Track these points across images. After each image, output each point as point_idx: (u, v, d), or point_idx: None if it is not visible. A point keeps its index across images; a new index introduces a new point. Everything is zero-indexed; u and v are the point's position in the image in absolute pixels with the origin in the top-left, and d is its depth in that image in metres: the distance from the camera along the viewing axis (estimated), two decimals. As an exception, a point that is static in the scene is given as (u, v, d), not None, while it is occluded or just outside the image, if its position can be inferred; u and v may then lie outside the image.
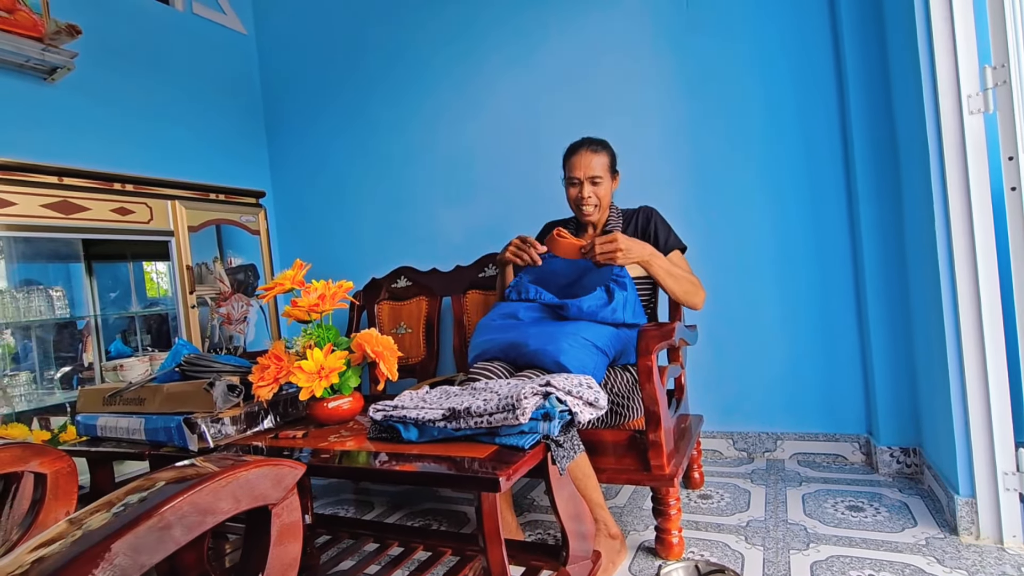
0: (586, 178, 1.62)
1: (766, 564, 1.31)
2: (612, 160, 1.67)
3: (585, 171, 1.62)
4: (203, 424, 1.24)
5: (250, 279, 2.51)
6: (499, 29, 2.38)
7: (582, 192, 1.63)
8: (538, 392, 1.05)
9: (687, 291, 1.56)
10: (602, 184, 1.63)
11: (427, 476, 0.98)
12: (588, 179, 1.62)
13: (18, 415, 1.84)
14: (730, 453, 2.09)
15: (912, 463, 1.77)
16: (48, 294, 2.00)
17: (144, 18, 2.49)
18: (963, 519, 1.34)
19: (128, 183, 2.03)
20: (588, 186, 1.62)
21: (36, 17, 1.98)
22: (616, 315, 1.46)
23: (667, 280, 1.53)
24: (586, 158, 1.62)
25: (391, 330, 2.32)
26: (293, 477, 0.59)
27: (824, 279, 1.94)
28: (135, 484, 0.52)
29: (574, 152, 1.65)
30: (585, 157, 1.62)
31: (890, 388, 1.81)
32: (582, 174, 1.62)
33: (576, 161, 1.63)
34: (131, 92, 2.39)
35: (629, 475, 1.35)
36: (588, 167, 1.62)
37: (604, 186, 1.64)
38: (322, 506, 1.97)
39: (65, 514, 0.83)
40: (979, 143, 1.27)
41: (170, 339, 2.31)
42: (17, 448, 0.82)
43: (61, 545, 0.43)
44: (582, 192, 1.63)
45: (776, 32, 1.96)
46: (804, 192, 1.95)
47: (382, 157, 2.68)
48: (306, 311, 1.36)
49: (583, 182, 1.62)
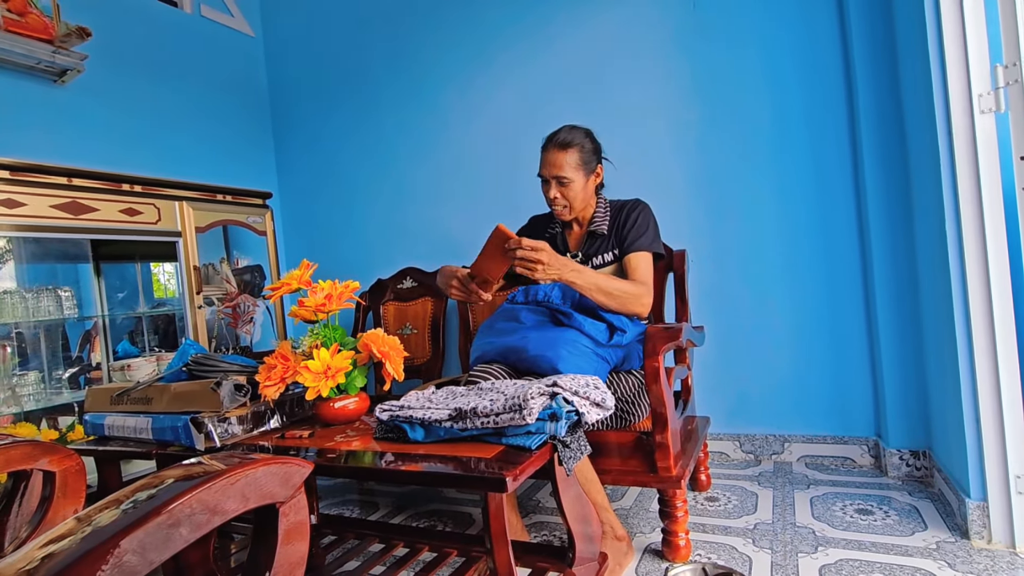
0: (551, 177, 1.52)
1: (774, 567, 1.30)
2: (585, 155, 1.53)
3: (550, 170, 1.52)
4: (210, 423, 1.24)
5: (257, 279, 2.52)
6: (505, 31, 2.39)
7: (548, 192, 1.54)
8: (545, 392, 1.05)
9: (622, 302, 1.43)
10: (570, 185, 1.51)
11: (433, 476, 0.97)
12: (553, 178, 1.52)
13: (27, 414, 1.85)
14: (737, 455, 2.07)
15: (922, 466, 1.76)
16: (57, 294, 2.01)
17: (153, 20, 2.51)
18: (974, 523, 1.33)
19: (136, 184, 2.04)
20: (554, 187, 1.53)
21: (47, 20, 2.00)
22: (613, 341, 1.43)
23: (596, 296, 1.41)
24: (552, 156, 1.51)
25: (397, 330, 2.32)
26: (301, 475, 0.59)
27: (832, 280, 1.93)
28: (143, 482, 0.52)
29: (544, 147, 1.55)
30: (551, 155, 1.51)
31: (899, 390, 1.79)
32: (547, 172, 1.53)
33: (544, 158, 1.54)
34: (140, 94, 2.41)
35: (635, 477, 1.34)
36: (552, 166, 1.51)
37: (573, 186, 1.52)
38: (328, 506, 1.97)
39: (73, 512, 0.83)
40: (990, 143, 1.26)
41: (177, 339, 2.32)
42: (27, 446, 0.83)
43: (70, 542, 0.43)
44: (548, 192, 1.54)
45: (784, 31, 1.95)
46: (812, 193, 1.94)
47: (388, 158, 2.69)
48: (312, 311, 1.37)
49: (549, 180, 1.53)
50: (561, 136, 1.53)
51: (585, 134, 1.56)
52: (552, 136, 1.55)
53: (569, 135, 1.53)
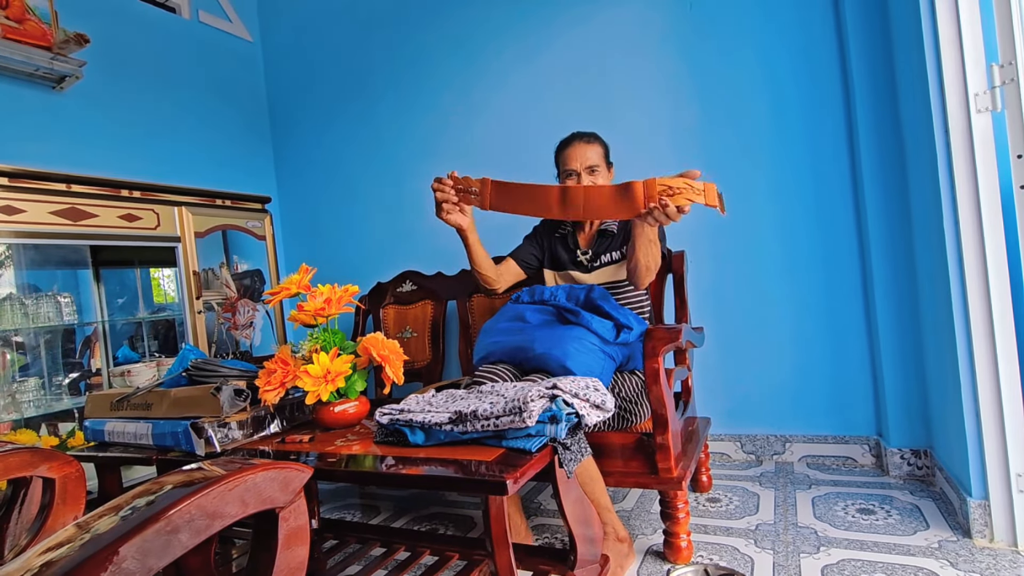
0: (583, 168, 1.54)
1: (776, 568, 1.30)
2: (606, 151, 1.61)
3: (582, 161, 1.54)
4: (210, 428, 1.24)
5: (256, 284, 2.52)
6: (503, 34, 2.39)
7: (580, 184, 1.54)
8: (544, 395, 1.05)
9: (651, 266, 1.42)
10: (599, 173, 1.56)
11: (434, 480, 0.97)
12: (585, 169, 1.54)
13: (27, 421, 1.85)
14: (738, 456, 2.07)
15: (923, 465, 1.75)
16: (56, 300, 2.01)
17: (151, 26, 2.51)
18: (976, 522, 1.32)
19: (135, 190, 2.04)
20: (586, 177, 1.54)
21: (45, 27, 2.00)
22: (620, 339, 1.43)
23: (650, 247, 1.37)
24: (580, 149, 1.55)
25: (397, 334, 2.32)
26: (300, 480, 0.59)
27: (831, 278, 1.93)
28: (143, 488, 0.52)
29: (567, 145, 1.59)
30: (579, 148, 1.56)
31: (900, 389, 1.79)
32: (579, 164, 1.54)
33: (571, 153, 1.56)
34: (138, 99, 2.41)
35: (636, 478, 1.34)
36: (584, 157, 1.54)
37: (601, 176, 1.56)
38: (329, 511, 1.97)
39: (73, 519, 0.83)
40: (987, 142, 1.26)
41: (177, 344, 2.33)
42: (26, 453, 0.83)
43: (69, 549, 0.43)
44: (580, 184, 1.54)
45: (780, 31, 1.95)
46: (810, 192, 1.94)
47: (387, 161, 2.69)
48: (312, 315, 1.37)
49: (580, 173, 1.54)
50: (582, 135, 1.60)
51: (599, 136, 1.63)
52: (572, 135, 1.62)
53: (589, 134, 1.60)
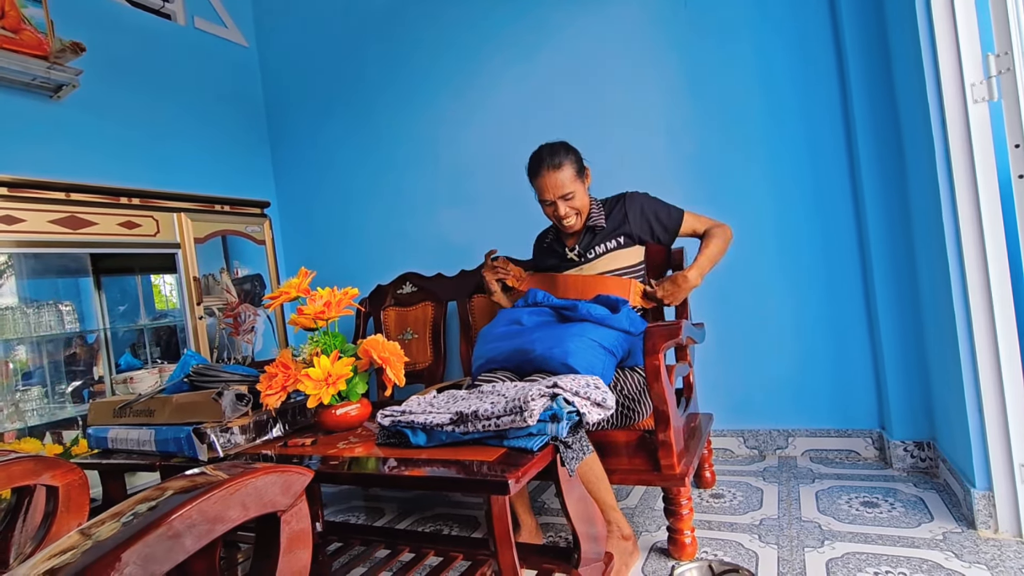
0: (557, 198, 1.57)
1: (781, 563, 1.30)
2: (575, 166, 1.59)
3: (554, 192, 1.56)
4: (212, 434, 1.24)
5: (257, 289, 2.53)
6: (497, 35, 2.39)
7: (558, 211, 1.58)
8: (545, 393, 1.05)
9: (726, 245, 1.62)
10: (575, 196, 1.58)
11: (436, 480, 0.97)
12: (559, 198, 1.57)
13: (31, 429, 1.86)
14: (741, 451, 2.07)
15: (926, 457, 1.75)
16: (58, 309, 2.02)
17: (147, 34, 2.52)
18: (980, 513, 1.32)
19: (134, 197, 2.05)
20: (562, 204, 1.58)
21: (41, 36, 2.00)
22: (622, 324, 1.45)
23: (719, 260, 1.62)
24: (550, 179, 1.56)
25: (397, 336, 2.32)
26: (301, 483, 0.59)
27: (832, 272, 1.93)
28: (144, 494, 0.52)
29: (536, 175, 1.59)
30: (549, 179, 1.56)
31: (902, 381, 1.79)
32: (552, 195, 1.57)
33: (541, 184, 1.58)
34: (135, 107, 2.42)
35: (640, 475, 1.34)
36: (555, 187, 1.56)
37: (577, 196, 1.58)
38: (333, 513, 1.97)
39: (77, 526, 0.83)
40: (984, 132, 1.26)
41: (179, 350, 2.33)
42: (29, 462, 0.83)
43: (72, 555, 0.43)
44: (558, 211, 1.58)
45: (775, 23, 1.95)
46: (809, 186, 1.94)
47: (385, 164, 2.69)
48: (312, 319, 1.37)
49: (555, 202, 1.58)
50: (548, 160, 1.57)
51: (565, 147, 1.60)
52: (538, 162, 1.59)
53: (554, 156, 1.57)
